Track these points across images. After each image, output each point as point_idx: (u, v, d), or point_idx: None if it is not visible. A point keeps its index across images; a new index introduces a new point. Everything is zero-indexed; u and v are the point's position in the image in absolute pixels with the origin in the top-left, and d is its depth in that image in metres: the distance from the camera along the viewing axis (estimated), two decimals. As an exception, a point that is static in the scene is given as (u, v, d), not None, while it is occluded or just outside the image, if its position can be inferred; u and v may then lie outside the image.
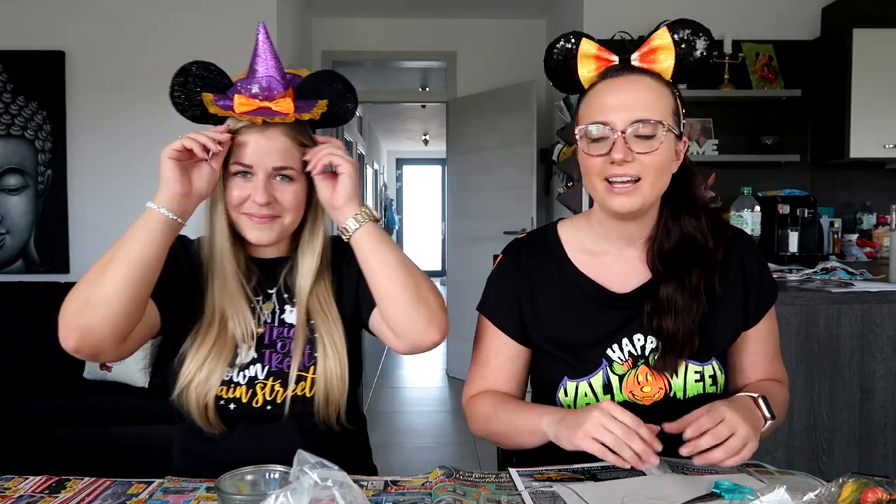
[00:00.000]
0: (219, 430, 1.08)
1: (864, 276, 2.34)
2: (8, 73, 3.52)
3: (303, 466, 0.72)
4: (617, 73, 1.05)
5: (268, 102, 1.06)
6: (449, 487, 0.90)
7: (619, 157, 1.00)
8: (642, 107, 1.01)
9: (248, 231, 1.10)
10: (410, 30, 4.79)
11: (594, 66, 1.07)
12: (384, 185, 11.80)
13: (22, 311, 3.24)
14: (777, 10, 3.68)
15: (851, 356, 1.97)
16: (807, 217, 3.01)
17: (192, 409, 1.06)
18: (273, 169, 1.08)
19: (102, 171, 3.60)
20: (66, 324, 0.97)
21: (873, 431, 1.98)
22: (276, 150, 1.07)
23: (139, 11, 3.58)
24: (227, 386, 1.08)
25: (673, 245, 1.09)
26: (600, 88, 1.05)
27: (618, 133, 1.01)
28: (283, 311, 1.15)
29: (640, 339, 1.10)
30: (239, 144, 1.07)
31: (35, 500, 0.90)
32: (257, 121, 1.05)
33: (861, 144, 3.28)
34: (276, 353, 1.11)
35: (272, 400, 1.09)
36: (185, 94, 1.09)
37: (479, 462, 3.23)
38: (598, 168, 1.04)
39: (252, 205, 1.07)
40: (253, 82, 1.07)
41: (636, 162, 1.01)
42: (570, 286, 1.14)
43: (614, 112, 1.02)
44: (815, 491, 0.77)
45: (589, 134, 1.04)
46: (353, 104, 1.15)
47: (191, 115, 1.11)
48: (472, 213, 4.83)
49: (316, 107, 1.11)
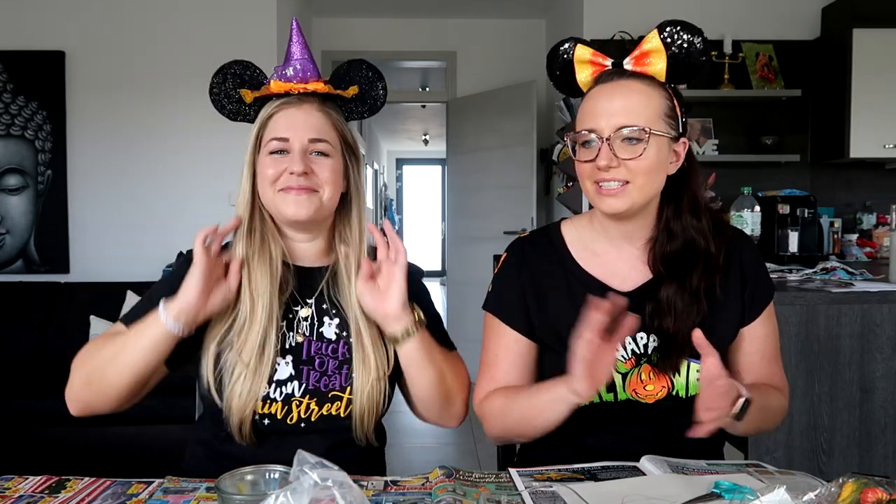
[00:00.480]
0: (249, 443, 1.06)
1: (864, 276, 2.34)
2: (8, 73, 3.52)
3: (303, 466, 0.72)
4: (609, 78, 1.07)
5: (302, 84, 1.09)
6: (449, 487, 0.90)
7: (603, 164, 1.03)
8: (629, 112, 1.03)
9: (285, 206, 1.06)
10: (410, 30, 4.79)
11: (590, 71, 1.09)
12: (384, 185, 11.80)
13: (22, 311, 3.24)
14: (777, 10, 3.68)
15: (851, 356, 1.97)
16: (807, 217, 3.01)
17: (232, 420, 1.04)
18: (309, 141, 1.07)
19: (102, 171, 3.61)
20: (70, 395, 1.04)
21: (873, 431, 1.98)
22: (311, 123, 1.08)
23: (139, 11, 3.59)
24: (264, 402, 1.05)
25: (675, 249, 1.09)
26: (593, 94, 1.08)
27: (603, 139, 1.03)
28: (322, 324, 1.11)
29: (643, 338, 1.10)
30: (273, 123, 1.09)
31: (35, 500, 0.90)
32: (294, 89, 1.08)
33: (861, 144, 3.28)
34: (314, 371, 1.08)
35: (307, 418, 1.07)
36: (224, 92, 1.12)
37: (479, 462, 3.23)
38: (588, 172, 1.07)
39: (289, 177, 1.06)
40: (288, 66, 1.09)
41: (622, 167, 1.03)
42: (575, 284, 1.14)
43: (601, 118, 1.04)
44: (815, 491, 0.77)
45: (578, 139, 1.07)
46: (384, 91, 1.17)
47: (228, 112, 1.15)
48: (472, 213, 4.83)
49: (349, 88, 1.14)
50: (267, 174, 1.07)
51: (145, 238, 3.59)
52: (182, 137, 3.60)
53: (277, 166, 1.07)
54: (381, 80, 1.16)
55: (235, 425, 1.04)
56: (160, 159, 3.63)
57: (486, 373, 1.18)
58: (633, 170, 1.03)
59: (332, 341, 1.11)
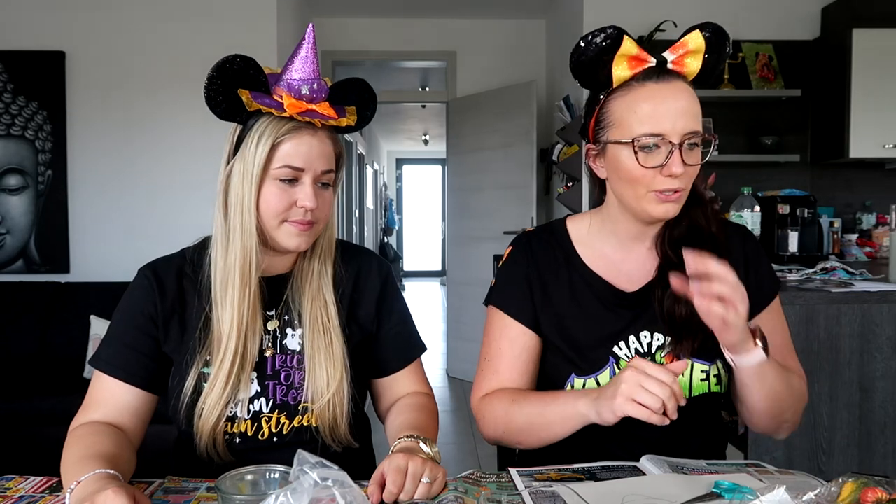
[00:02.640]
0: (226, 460, 1.05)
1: (864, 276, 2.34)
2: (8, 73, 3.52)
3: (303, 466, 0.72)
4: (657, 77, 1.02)
5: (314, 105, 1.03)
6: (450, 486, 0.90)
7: (678, 171, 0.99)
8: (692, 117, 1.00)
9: (288, 239, 1.04)
10: (410, 30, 4.79)
11: (629, 66, 1.02)
12: (384, 185, 11.80)
13: (22, 311, 3.24)
14: (777, 10, 3.68)
15: (851, 356, 1.97)
16: (807, 217, 3.01)
17: (201, 444, 1.03)
18: (321, 173, 1.04)
19: (102, 171, 3.61)
20: None
21: (873, 431, 1.98)
22: (325, 153, 1.04)
23: (139, 12, 3.59)
24: (230, 422, 1.04)
25: (681, 233, 1.09)
26: (646, 94, 1.01)
27: (675, 145, 0.99)
28: (285, 336, 1.10)
29: (647, 336, 1.10)
30: (289, 148, 1.01)
31: (35, 500, 0.90)
32: (316, 123, 1.02)
33: (861, 144, 3.28)
34: (280, 385, 1.07)
35: (278, 432, 1.06)
36: (223, 87, 1.01)
37: (479, 462, 3.23)
38: (650, 178, 1.01)
39: (298, 210, 1.02)
40: (301, 84, 1.03)
41: (685, 174, 1.01)
42: (580, 282, 1.14)
43: (668, 121, 0.99)
44: (815, 491, 0.77)
45: (642, 144, 1.01)
46: (372, 112, 1.13)
47: (221, 110, 1.03)
48: (472, 213, 4.83)
49: (349, 112, 1.09)
50: (273, 205, 1.02)
51: (145, 238, 3.59)
52: (182, 137, 3.60)
53: (286, 196, 1.02)
54: (373, 101, 1.13)
55: (206, 445, 1.03)
56: (160, 159, 3.63)
57: (487, 367, 1.16)
58: (691, 175, 1.02)
59: (297, 352, 1.09)
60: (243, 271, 1.03)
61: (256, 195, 1.02)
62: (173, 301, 1.08)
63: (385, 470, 0.87)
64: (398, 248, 12.25)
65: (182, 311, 1.09)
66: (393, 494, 0.85)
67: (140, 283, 1.09)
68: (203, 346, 1.05)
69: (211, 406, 1.02)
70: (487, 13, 4.65)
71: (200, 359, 1.04)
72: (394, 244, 11.78)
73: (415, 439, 0.98)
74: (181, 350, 1.06)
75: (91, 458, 0.90)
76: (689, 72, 1.04)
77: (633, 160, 1.01)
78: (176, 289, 1.09)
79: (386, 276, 1.20)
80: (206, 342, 1.05)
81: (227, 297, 1.04)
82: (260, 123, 1.02)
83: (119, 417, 1.04)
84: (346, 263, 1.16)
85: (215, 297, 1.05)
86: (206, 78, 1.01)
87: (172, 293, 1.09)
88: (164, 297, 1.08)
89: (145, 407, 1.07)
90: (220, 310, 1.04)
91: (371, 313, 1.17)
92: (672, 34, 3.45)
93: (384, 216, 11.50)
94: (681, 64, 1.03)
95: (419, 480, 0.87)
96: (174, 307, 1.08)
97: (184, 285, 1.10)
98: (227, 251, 1.04)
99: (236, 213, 1.03)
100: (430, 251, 12.28)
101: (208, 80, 1.00)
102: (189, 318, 1.08)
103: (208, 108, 1.02)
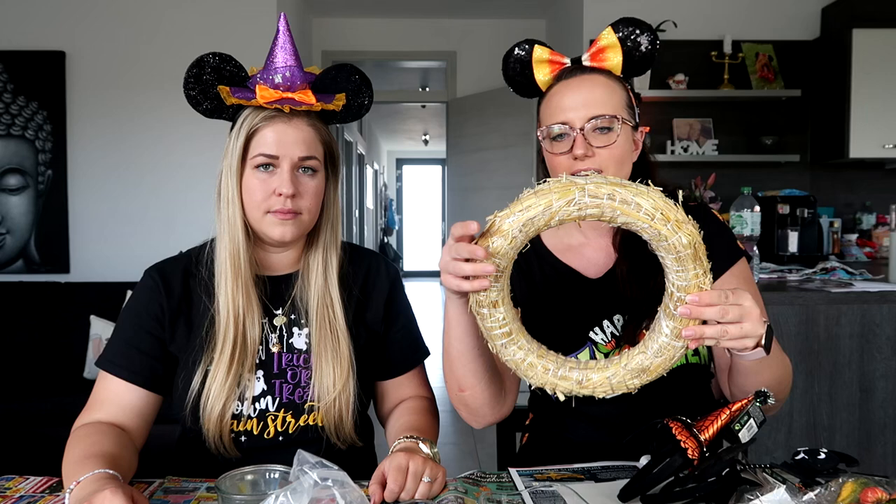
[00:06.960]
0: (233, 455, 1.05)
1: (864, 276, 2.34)
2: (8, 73, 3.52)
3: (303, 466, 0.72)
4: (570, 75, 1.10)
5: (290, 93, 1.03)
6: (451, 486, 0.90)
7: (580, 153, 1.05)
8: (597, 103, 1.07)
9: (271, 229, 1.04)
10: (410, 30, 4.79)
11: (549, 70, 1.13)
12: (384, 185, 11.80)
13: (22, 311, 3.24)
14: (777, 10, 3.68)
15: (851, 356, 1.97)
16: (807, 217, 3.02)
17: (209, 437, 1.03)
18: (298, 159, 1.04)
19: (102, 171, 3.60)
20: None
21: (873, 431, 1.98)
22: (301, 139, 1.04)
23: (139, 11, 3.58)
24: (237, 420, 1.05)
25: None
26: (557, 90, 1.11)
27: (577, 130, 1.06)
28: (292, 335, 1.10)
29: (620, 319, 1.13)
30: (262, 137, 1.03)
31: (35, 499, 0.90)
32: (285, 108, 1.03)
33: (861, 144, 3.29)
34: (286, 384, 1.07)
35: (284, 431, 1.07)
36: (201, 87, 1.04)
37: (479, 462, 3.23)
38: (564, 165, 1.08)
39: (277, 199, 1.03)
40: (275, 73, 1.03)
41: (596, 156, 1.06)
42: (551, 273, 1.17)
43: (572, 111, 1.07)
44: (815, 491, 0.77)
45: (550, 133, 1.10)
46: (369, 99, 1.13)
47: (204, 108, 1.06)
48: (472, 213, 4.82)
49: (336, 99, 1.08)
50: (255, 197, 1.04)
51: (145, 238, 3.59)
52: (182, 137, 3.60)
53: (265, 187, 1.03)
54: (368, 87, 1.13)
55: (213, 441, 1.03)
56: (160, 159, 3.63)
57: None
58: (606, 157, 1.06)
59: (304, 351, 1.10)
60: (234, 261, 1.05)
61: (239, 187, 1.04)
62: (179, 301, 1.09)
63: (386, 469, 0.88)
64: (398, 249, 12.25)
65: (188, 310, 1.09)
66: (394, 493, 0.85)
67: (146, 284, 1.10)
68: (209, 344, 1.05)
69: (215, 396, 1.02)
70: (487, 13, 4.65)
71: (206, 357, 1.05)
72: (394, 244, 11.78)
73: (414, 440, 0.99)
74: (188, 349, 1.07)
75: (91, 458, 0.90)
76: (612, 66, 1.10)
77: (549, 149, 1.11)
78: (182, 288, 1.10)
79: (394, 279, 1.21)
80: (212, 340, 1.05)
81: (221, 288, 1.06)
82: (240, 117, 1.05)
83: (122, 418, 1.04)
84: (355, 265, 1.17)
85: (216, 290, 1.07)
86: (183, 78, 1.04)
87: (178, 293, 1.09)
88: (170, 298, 1.08)
89: (149, 408, 1.07)
90: (218, 303, 1.06)
91: (379, 315, 1.17)
92: (672, 34, 3.46)
93: (384, 216, 11.50)
94: (599, 59, 1.10)
95: (420, 479, 0.87)
96: (180, 307, 1.09)
97: (190, 285, 1.10)
98: (221, 244, 1.07)
99: (225, 206, 1.06)
100: (431, 251, 12.28)
101: (185, 80, 1.04)
102: (195, 317, 1.08)
103: (191, 106, 1.05)
